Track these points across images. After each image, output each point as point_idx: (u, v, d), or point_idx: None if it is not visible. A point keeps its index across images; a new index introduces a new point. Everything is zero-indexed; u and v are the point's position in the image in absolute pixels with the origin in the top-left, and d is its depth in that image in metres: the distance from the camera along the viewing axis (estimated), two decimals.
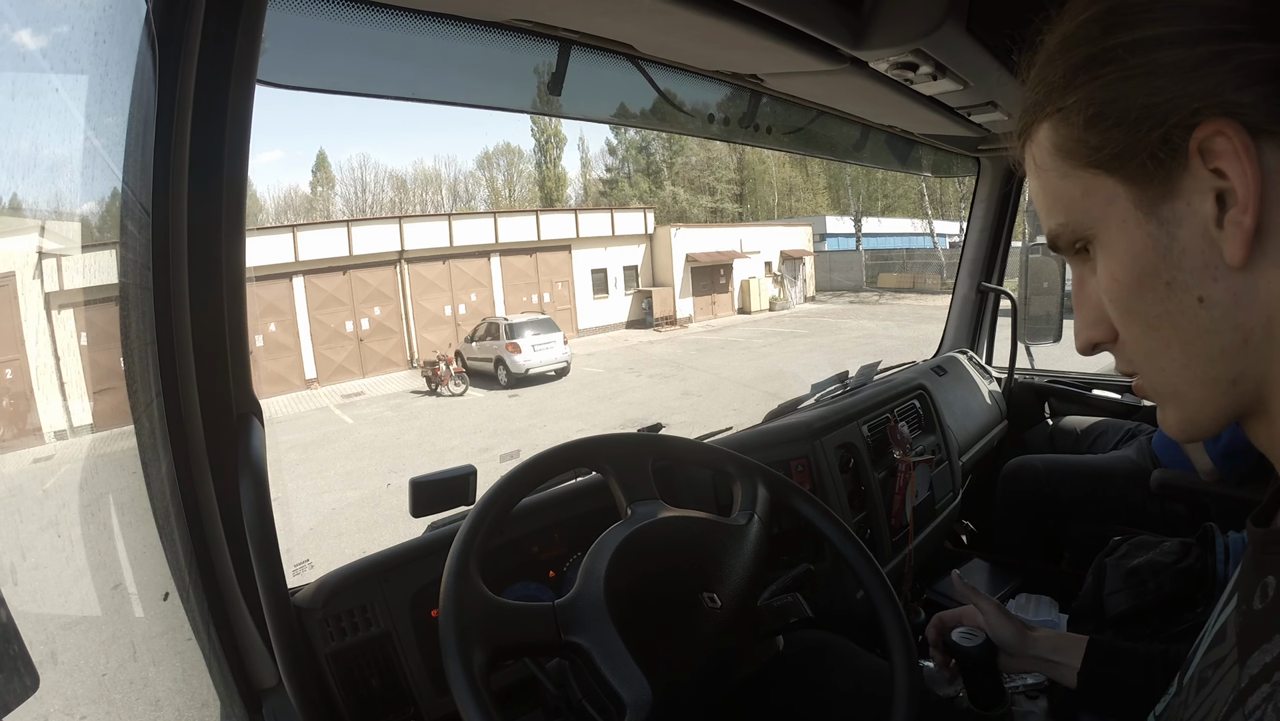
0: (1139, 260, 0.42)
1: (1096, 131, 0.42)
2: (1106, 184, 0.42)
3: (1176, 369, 0.43)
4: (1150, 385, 0.46)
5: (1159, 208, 0.40)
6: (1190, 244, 0.40)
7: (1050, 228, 0.47)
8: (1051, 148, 0.45)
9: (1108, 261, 0.44)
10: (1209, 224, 0.39)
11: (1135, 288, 0.42)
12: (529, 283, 22.00)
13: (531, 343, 15.83)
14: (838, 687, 0.96)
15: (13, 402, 1.24)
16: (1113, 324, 0.46)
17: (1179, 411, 0.45)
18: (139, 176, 0.74)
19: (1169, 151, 0.39)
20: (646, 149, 45.68)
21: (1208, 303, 0.40)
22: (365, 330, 18.93)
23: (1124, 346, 0.46)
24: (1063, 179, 0.45)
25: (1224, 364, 0.41)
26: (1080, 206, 0.44)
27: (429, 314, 20.05)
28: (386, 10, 0.88)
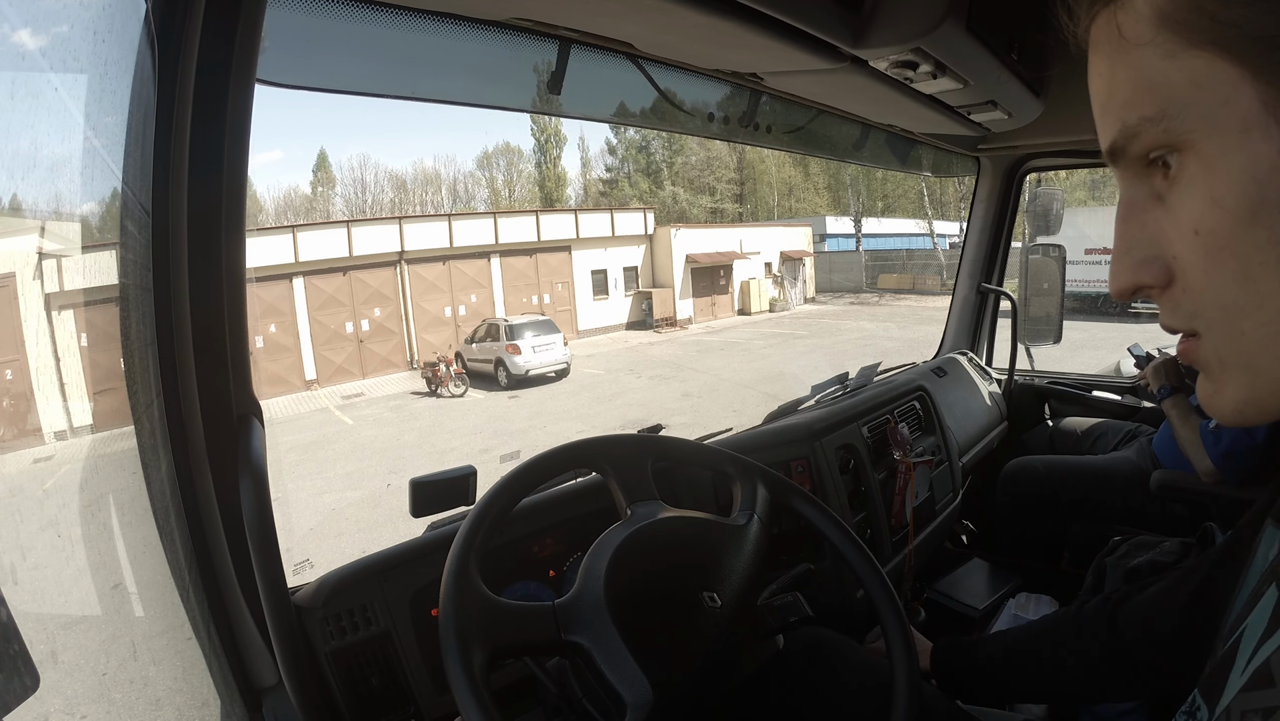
0: (1260, 184, 0.32)
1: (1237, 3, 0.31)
2: (1230, 74, 0.32)
3: (1266, 335, 0.33)
4: (1215, 350, 0.36)
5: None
6: None
7: (1128, 123, 0.36)
8: (1156, 16, 0.34)
9: (1211, 180, 0.33)
10: None
11: (1246, 219, 0.32)
12: (529, 284, 22.01)
13: (531, 344, 15.83)
14: (840, 686, 0.96)
15: (13, 403, 1.24)
16: (1168, 265, 0.36)
17: (1246, 388, 0.35)
18: (139, 176, 0.74)
19: None
20: (646, 149, 45.73)
21: None
22: (365, 331, 18.93)
23: (1186, 296, 0.36)
24: (1166, 59, 0.34)
25: None
26: (1184, 99, 0.33)
27: (429, 315, 20.06)
28: (386, 10, 0.88)
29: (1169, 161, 0.35)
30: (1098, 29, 0.37)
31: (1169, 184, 0.35)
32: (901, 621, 0.88)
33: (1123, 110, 0.36)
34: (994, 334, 2.76)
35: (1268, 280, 0.32)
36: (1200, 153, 0.33)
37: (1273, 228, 0.32)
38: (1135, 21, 0.35)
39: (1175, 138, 0.34)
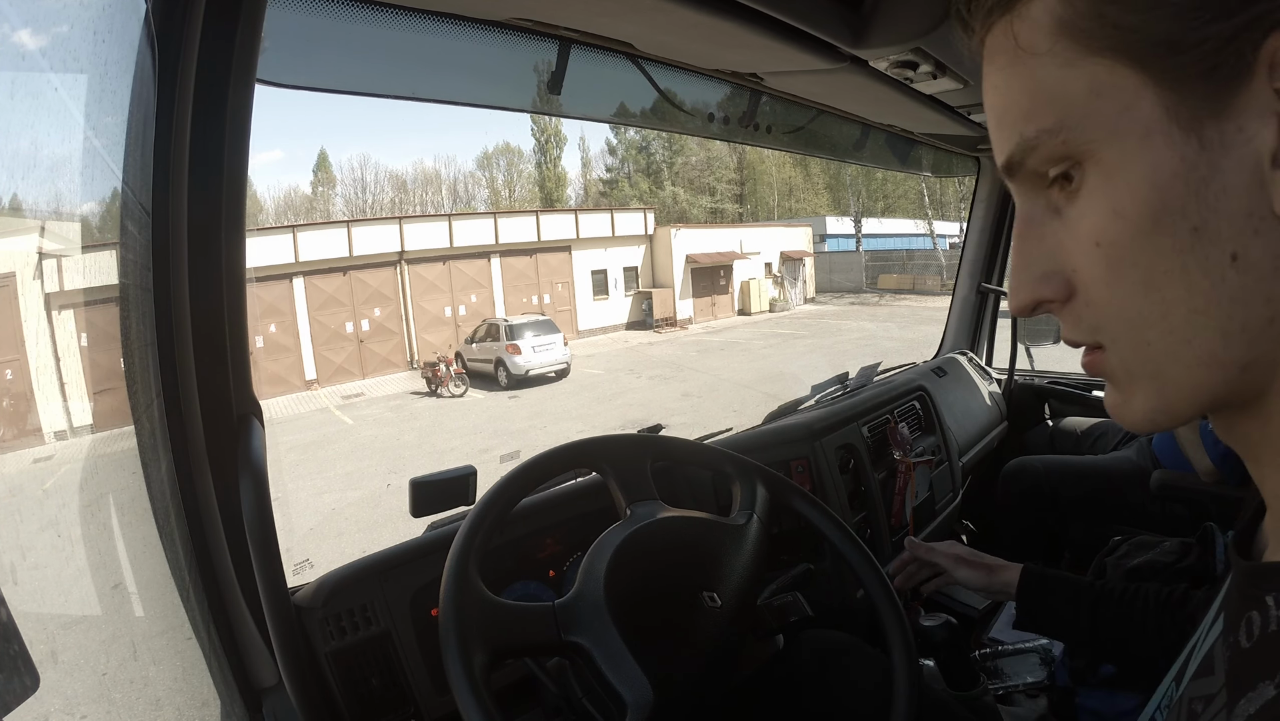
0: (1161, 192, 0.31)
1: (1136, 7, 0.31)
2: (1130, 81, 0.31)
3: (1171, 344, 0.33)
4: (1121, 361, 0.35)
5: (1202, 126, 0.30)
6: (1234, 181, 0.30)
7: (1026, 136, 0.35)
8: (1054, 24, 0.33)
9: (1111, 190, 0.33)
10: (1263, 159, 0.30)
11: (1147, 229, 0.32)
12: (529, 284, 22.01)
13: (531, 344, 15.83)
14: (842, 686, 0.96)
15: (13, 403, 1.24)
16: (1069, 279, 0.36)
17: (1155, 397, 0.35)
18: (139, 176, 0.74)
19: (1233, 54, 0.29)
20: (646, 149, 45.73)
21: (1241, 263, 0.30)
22: (365, 331, 18.93)
23: (1089, 309, 0.36)
24: (1065, 68, 0.33)
25: (1240, 345, 0.32)
26: (1083, 108, 0.33)
27: (429, 315, 20.06)
28: (386, 10, 0.88)
29: (1069, 174, 0.34)
30: (993, 40, 0.36)
31: (1068, 197, 0.35)
32: (901, 621, 0.88)
33: (1020, 123, 0.35)
34: (994, 334, 2.76)
35: (1172, 288, 0.32)
36: (1101, 163, 0.33)
37: (1176, 235, 0.31)
38: (1033, 31, 0.34)
39: (1075, 148, 0.33)
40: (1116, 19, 0.31)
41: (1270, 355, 0.32)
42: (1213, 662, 0.38)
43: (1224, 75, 0.30)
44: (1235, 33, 0.29)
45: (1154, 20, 0.30)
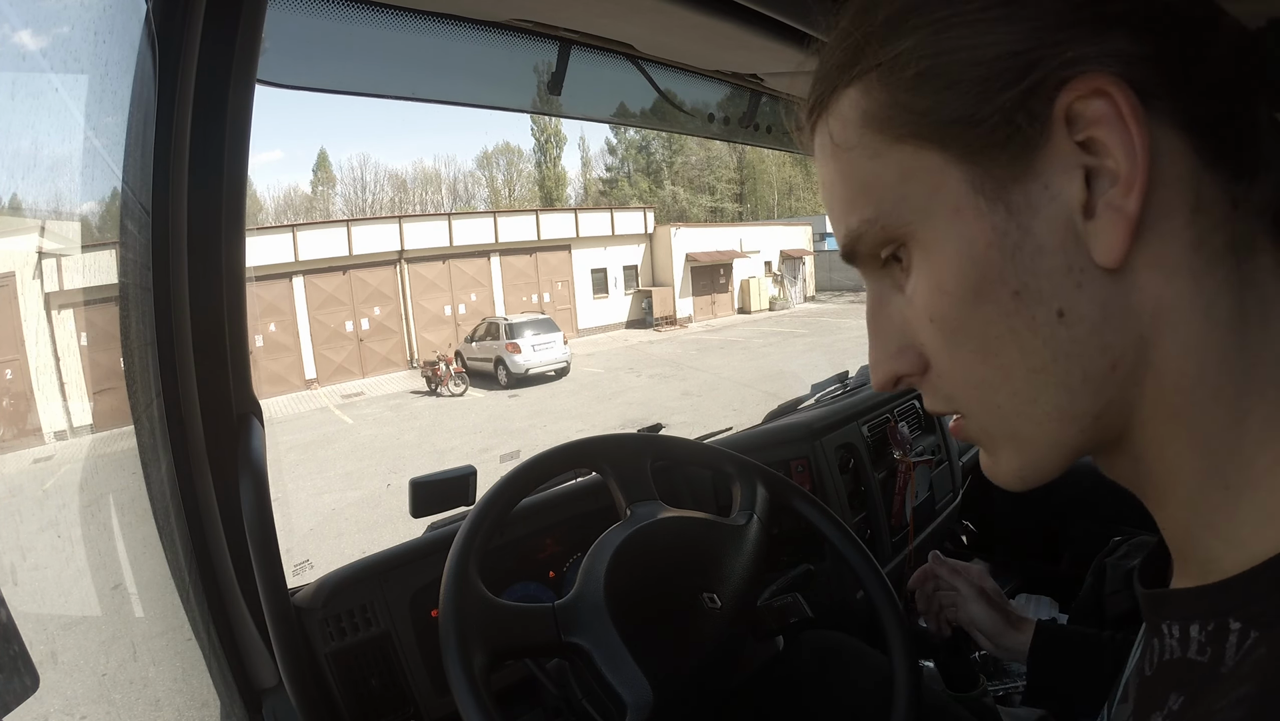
0: (978, 263, 0.32)
1: (927, 91, 0.32)
2: (934, 162, 0.32)
3: (1019, 405, 0.34)
4: (980, 426, 0.36)
5: (1008, 192, 0.31)
6: (1048, 240, 0.31)
7: (850, 227, 0.36)
8: (860, 118, 0.35)
9: (932, 268, 0.34)
10: (1074, 213, 0.30)
11: (971, 300, 0.33)
12: (529, 282, 22.01)
13: (531, 343, 15.83)
14: (842, 687, 0.96)
15: (13, 403, 1.24)
16: (920, 352, 0.37)
17: (1017, 456, 0.36)
18: (139, 176, 0.74)
19: (1027, 117, 0.30)
20: (646, 148, 45.76)
21: (1069, 317, 0.31)
22: (365, 330, 18.93)
23: (941, 379, 0.37)
24: (873, 159, 0.34)
25: (1086, 396, 0.32)
26: (895, 194, 0.34)
27: (429, 314, 20.06)
28: (386, 10, 0.88)
29: (898, 255, 0.36)
30: (816, 139, 0.38)
31: (903, 274, 0.36)
32: (901, 621, 0.88)
33: (845, 214, 0.37)
34: None
35: (1006, 352, 0.33)
36: (920, 242, 0.34)
37: (998, 302, 0.32)
38: (843, 126, 0.36)
39: (895, 232, 0.35)
40: (911, 105, 0.32)
41: (1121, 400, 0.32)
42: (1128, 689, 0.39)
43: (1023, 139, 0.30)
44: (1024, 97, 0.30)
45: (946, 101, 0.31)
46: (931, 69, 0.32)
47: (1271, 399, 0.31)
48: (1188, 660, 0.33)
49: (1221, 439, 0.31)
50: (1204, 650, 0.32)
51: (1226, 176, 0.31)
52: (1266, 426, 0.31)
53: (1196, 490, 0.32)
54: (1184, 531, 0.34)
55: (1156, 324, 0.31)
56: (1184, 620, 0.33)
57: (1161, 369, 0.31)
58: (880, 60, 0.33)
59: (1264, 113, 0.32)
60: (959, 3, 0.31)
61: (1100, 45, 0.29)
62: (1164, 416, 0.32)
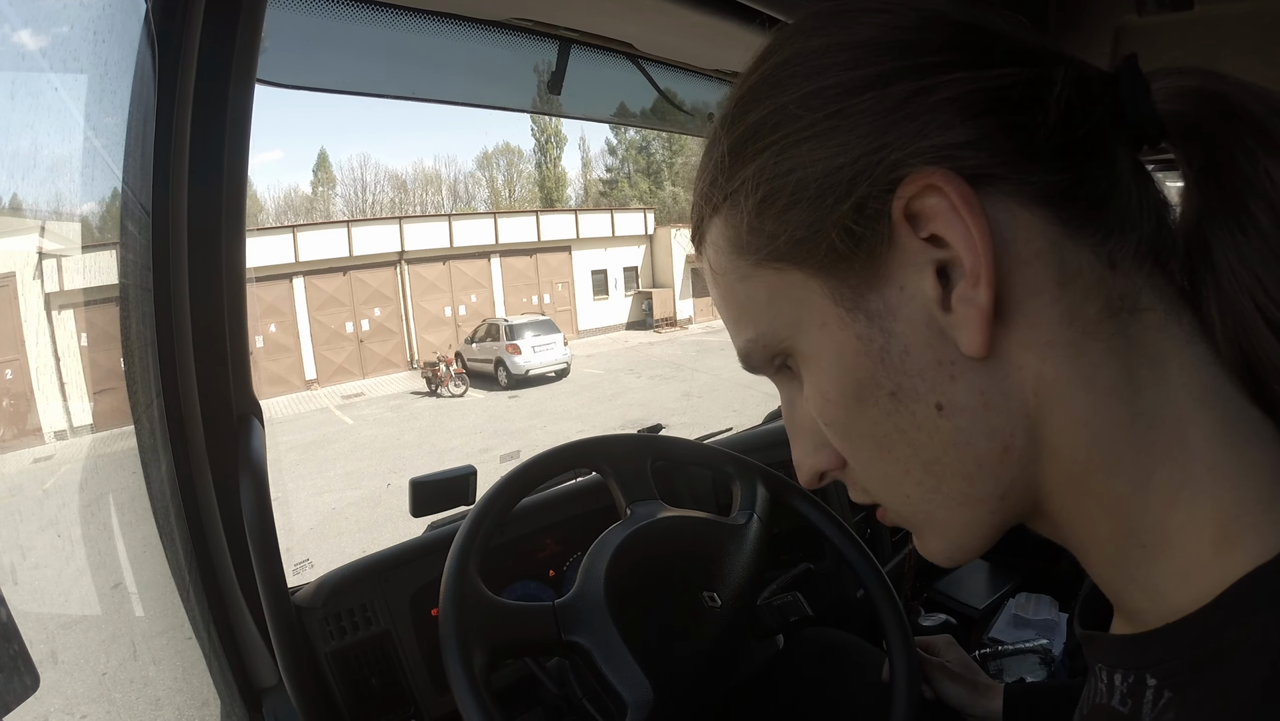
0: (851, 370, 0.33)
1: (770, 215, 0.32)
2: (794, 279, 0.33)
3: (924, 493, 0.34)
4: (898, 514, 0.37)
5: (865, 299, 0.31)
6: (913, 338, 0.31)
7: (740, 345, 0.38)
8: (727, 245, 0.36)
9: (814, 377, 0.35)
10: (933, 309, 0.30)
11: (853, 405, 0.33)
12: (529, 284, 22.02)
13: (531, 344, 15.83)
14: (842, 686, 0.96)
15: (13, 402, 1.24)
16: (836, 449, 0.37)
17: (940, 539, 0.36)
18: (139, 176, 0.74)
19: (867, 224, 0.30)
20: (646, 149, 45.75)
21: (949, 409, 0.31)
22: (365, 331, 18.94)
23: (856, 474, 0.37)
24: (742, 281, 0.35)
25: (984, 480, 0.32)
26: (768, 314, 0.35)
27: (429, 315, 20.06)
28: (386, 10, 0.88)
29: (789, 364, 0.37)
30: (703, 267, 0.40)
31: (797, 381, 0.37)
32: (901, 621, 0.88)
33: (734, 332, 0.38)
34: None
35: (899, 448, 0.33)
36: (800, 354, 0.35)
37: (878, 404, 0.32)
38: (715, 254, 0.37)
39: (776, 348, 0.36)
40: (761, 229, 0.33)
41: (1023, 478, 0.32)
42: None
43: (868, 247, 0.31)
44: (859, 206, 0.30)
45: (791, 220, 0.32)
46: (770, 193, 0.32)
47: (1177, 457, 0.30)
48: (1112, 708, 0.33)
49: (1130, 503, 0.31)
50: (1125, 701, 0.32)
51: (1094, 240, 0.30)
52: (1174, 486, 0.30)
53: (1115, 550, 0.32)
54: (1111, 585, 0.34)
55: (1040, 402, 0.31)
56: (1110, 666, 0.34)
57: (1054, 444, 0.31)
58: (730, 189, 0.34)
59: (1124, 160, 0.31)
60: (790, 123, 0.31)
61: (926, 140, 0.29)
62: (1068, 488, 0.32)
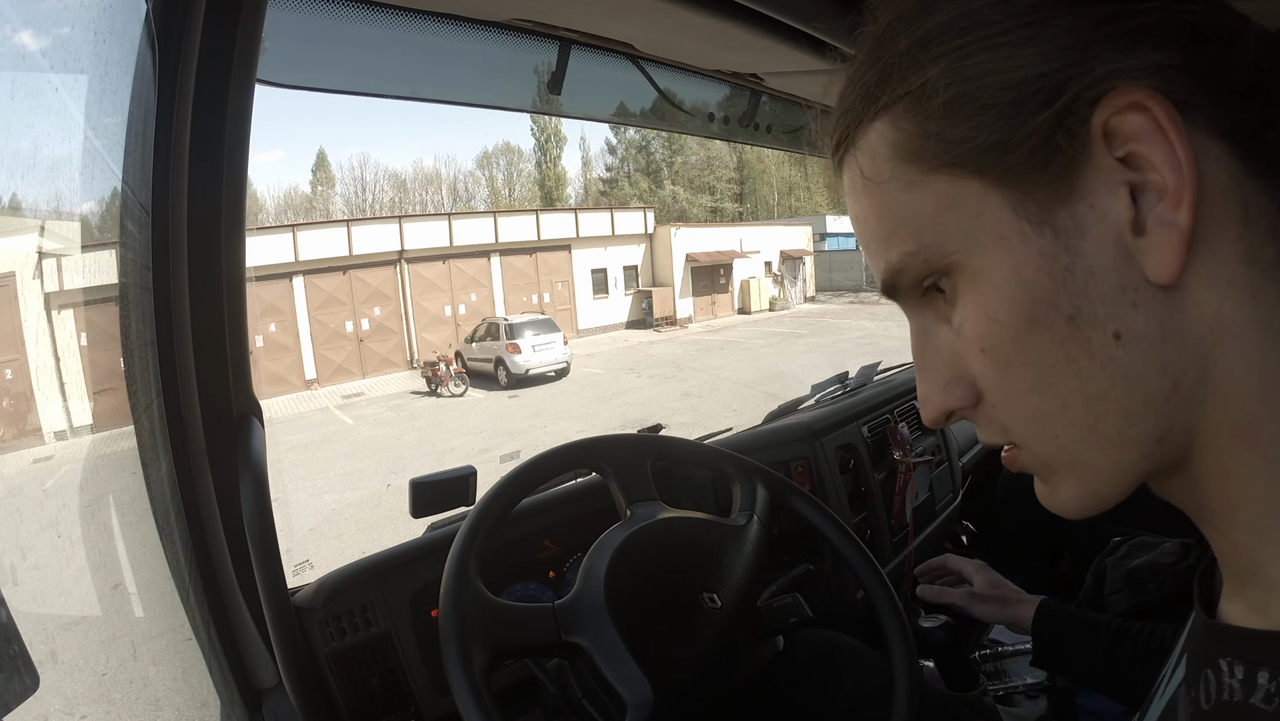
0: (1028, 289, 0.31)
1: (959, 119, 0.31)
2: (971, 189, 0.32)
3: (1078, 432, 0.33)
4: (1036, 457, 0.35)
5: (1052, 214, 0.30)
6: (1099, 260, 0.30)
7: (890, 262, 0.35)
8: (890, 151, 0.34)
9: (980, 297, 0.33)
10: (1124, 231, 0.29)
11: (1024, 328, 0.32)
12: (529, 283, 22.01)
13: (531, 343, 15.82)
14: (842, 687, 0.96)
15: (13, 403, 1.24)
16: (972, 384, 0.35)
17: (1079, 485, 0.35)
18: (139, 176, 0.74)
19: (1065, 136, 0.29)
20: (646, 148, 45.77)
21: (1126, 339, 0.30)
22: (365, 330, 18.93)
23: (995, 411, 0.35)
24: (909, 190, 0.34)
25: (1148, 420, 0.31)
26: (935, 225, 0.33)
27: (429, 314, 20.06)
28: (386, 10, 0.88)
29: (941, 286, 0.35)
30: (846, 175, 0.38)
31: (949, 305, 0.35)
32: (901, 621, 0.88)
33: (884, 249, 0.36)
34: None
35: (1064, 380, 0.32)
36: (966, 272, 0.33)
37: (1054, 328, 0.31)
38: (873, 161, 0.35)
39: (938, 264, 0.34)
40: (944, 133, 0.32)
41: (1183, 422, 0.31)
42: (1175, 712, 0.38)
43: (1062, 160, 0.30)
44: (1060, 117, 0.29)
45: (980, 126, 0.31)
46: (961, 95, 0.31)
47: None
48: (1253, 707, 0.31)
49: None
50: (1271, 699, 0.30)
51: (1273, 185, 0.30)
52: None
53: (1264, 513, 0.31)
54: (1247, 555, 0.33)
55: (1215, 341, 0.30)
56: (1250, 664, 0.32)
57: (1224, 388, 0.30)
58: (906, 90, 0.33)
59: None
60: (979, 28, 0.30)
61: (1130, 59, 0.28)
62: (1228, 437, 0.31)
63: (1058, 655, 0.94)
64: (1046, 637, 0.95)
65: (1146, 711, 0.42)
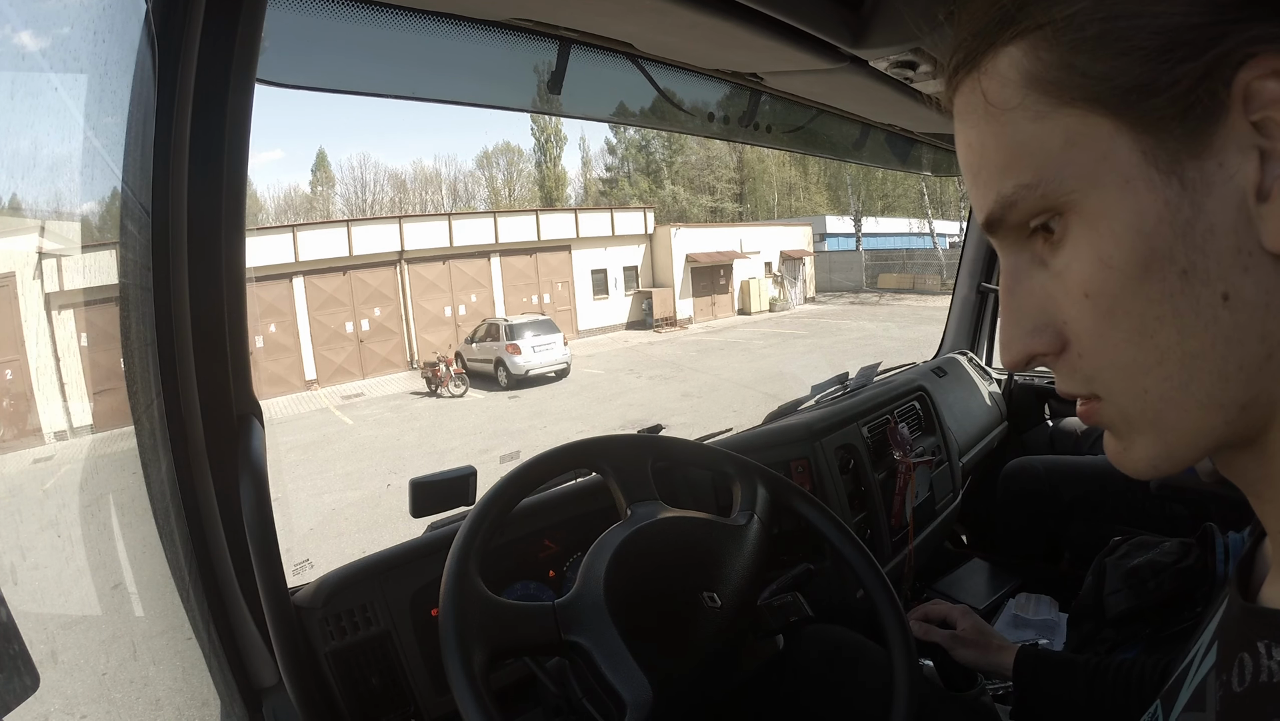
0: (1148, 237, 0.31)
1: (1105, 56, 0.30)
2: (1105, 129, 0.31)
3: (1169, 390, 0.32)
4: (1119, 411, 0.35)
5: (1182, 167, 0.30)
6: (1220, 219, 0.30)
7: (1004, 193, 0.35)
8: (1022, 79, 0.33)
9: (1096, 240, 0.32)
10: (1248, 194, 0.29)
11: (1136, 275, 0.31)
12: (529, 283, 22.01)
13: (531, 344, 15.82)
14: (842, 685, 0.96)
15: (13, 403, 1.24)
16: (1060, 330, 0.35)
17: (1157, 444, 0.35)
18: (139, 176, 0.74)
19: (1208, 91, 0.29)
20: (646, 148, 45.77)
21: (1233, 301, 0.30)
22: (365, 331, 18.93)
23: (1082, 360, 0.35)
24: (1036, 121, 0.33)
25: (1239, 385, 0.31)
26: (1060, 160, 0.32)
27: (429, 315, 20.05)
28: (386, 10, 0.88)
29: (1050, 226, 0.34)
30: (961, 98, 0.37)
31: (1052, 248, 0.34)
32: (901, 621, 0.88)
33: (997, 179, 0.35)
34: (994, 333, 2.76)
35: (1165, 334, 0.32)
36: (1083, 213, 0.32)
37: (1165, 279, 0.31)
38: (1001, 87, 0.34)
39: (1055, 201, 0.33)
40: (1086, 68, 0.31)
41: (1269, 392, 0.31)
42: (1204, 697, 0.37)
43: (1199, 114, 0.29)
44: (1206, 71, 0.29)
45: (1124, 66, 0.30)
46: (1110, 32, 0.30)
47: None
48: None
49: None
50: None
51: None
52: None
53: None
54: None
55: None
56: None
57: None
58: (1050, 19, 0.32)
59: None
60: None
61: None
62: None
63: (1040, 695, 0.94)
64: (1028, 678, 0.95)
65: (1175, 699, 0.42)
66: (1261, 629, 0.34)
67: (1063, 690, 0.92)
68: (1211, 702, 0.36)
